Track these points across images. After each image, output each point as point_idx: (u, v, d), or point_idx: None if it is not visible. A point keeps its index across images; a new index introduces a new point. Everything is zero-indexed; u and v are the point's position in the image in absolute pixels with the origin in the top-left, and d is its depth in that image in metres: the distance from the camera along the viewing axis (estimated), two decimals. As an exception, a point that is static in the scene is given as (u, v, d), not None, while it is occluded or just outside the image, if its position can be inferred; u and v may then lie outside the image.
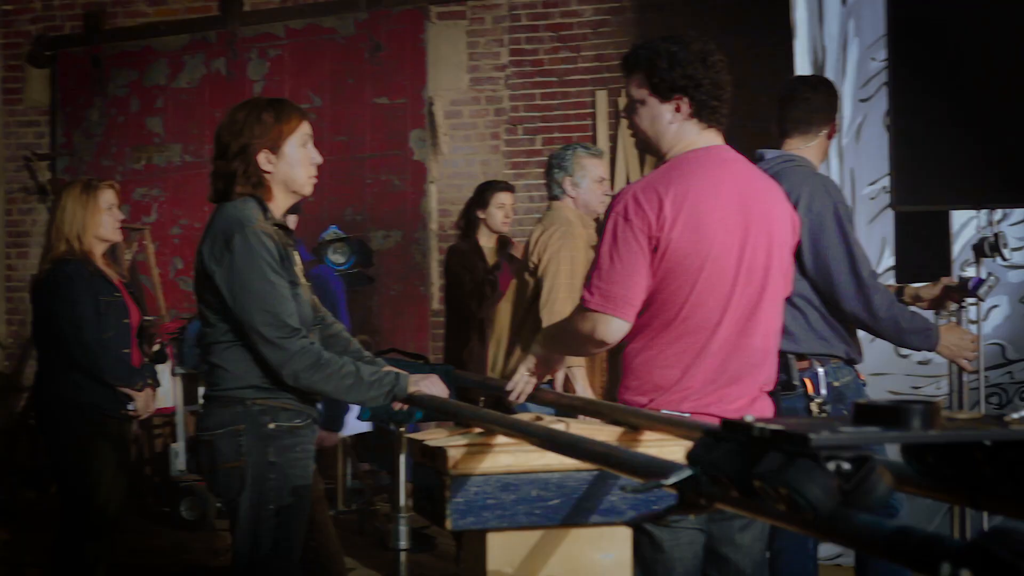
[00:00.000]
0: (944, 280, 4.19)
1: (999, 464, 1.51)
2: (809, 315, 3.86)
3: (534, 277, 4.85)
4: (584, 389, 4.38)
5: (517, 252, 6.15)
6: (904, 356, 5.54)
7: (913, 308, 4.10)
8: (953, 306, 4.14)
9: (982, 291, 4.00)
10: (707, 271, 2.93)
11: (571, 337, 3.06)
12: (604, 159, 5.30)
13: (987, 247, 4.04)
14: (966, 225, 5.50)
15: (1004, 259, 4.04)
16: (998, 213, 5.27)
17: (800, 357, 3.85)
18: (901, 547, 1.33)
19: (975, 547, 1.19)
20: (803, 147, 3.99)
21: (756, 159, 3.88)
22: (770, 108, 4.14)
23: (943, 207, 4.26)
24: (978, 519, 4.22)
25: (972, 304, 4.08)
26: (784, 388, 3.80)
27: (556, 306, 4.68)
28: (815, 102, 4.01)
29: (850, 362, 3.93)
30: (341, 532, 5.62)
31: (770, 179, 3.19)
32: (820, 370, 3.85)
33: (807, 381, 3.84)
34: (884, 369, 4.97)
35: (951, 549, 1.23)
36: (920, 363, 5.51)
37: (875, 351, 4.11)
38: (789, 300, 3.78)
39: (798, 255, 3.78)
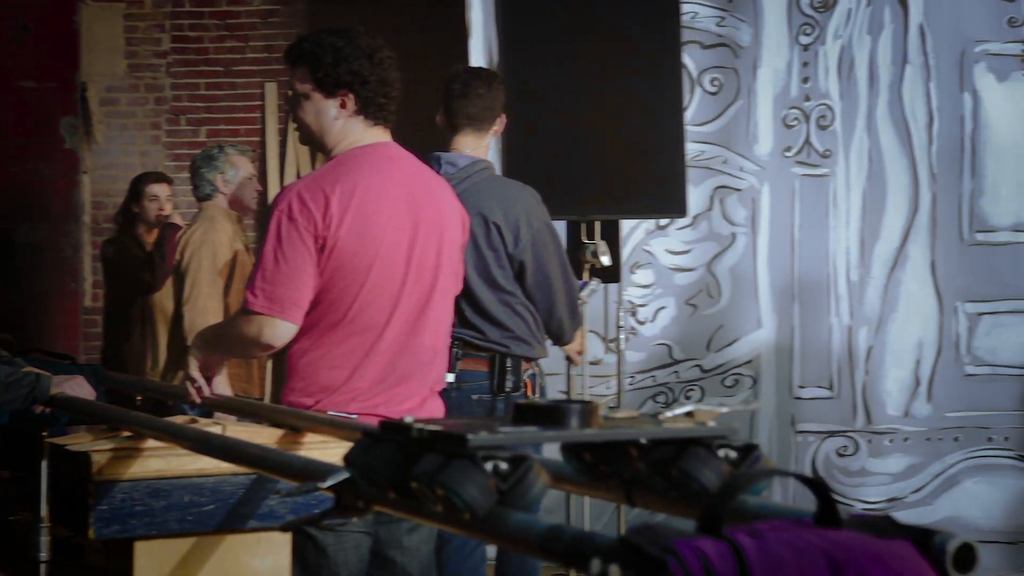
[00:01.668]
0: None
1: (653, 461, 1.54)
2: (529, 321, 3.98)
3: (180, 275, 4.94)
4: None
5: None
6: (575, 356, 5.73)
7: None
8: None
9: (585, 293, 4.37)
10: (375, 270, 2.90)
11: (235, 341, 2.97)
12: (250, 156, 5.42)
13: (589, 254, 4.44)
14: (635, 229, 5.72)
15: (603, 265, 4.41)
16: (653, 221, 5.50)
17: (527, 360, 3.99)
18: (554, 545, 1.35)
19: (624, 543, 1.21)
20: (477, 145, 4.01)
21: (441, 164, 3.87)
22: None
23: (552, 218, 4.53)
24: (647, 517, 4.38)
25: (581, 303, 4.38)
26: (513, 389, 3.93)
27: (199, 302, 4.76)
28: (489, 98, 4.01)
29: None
30: (-21, 544, 5.28)
31: (439, 177, 3.21)
32: (537, 371, 4.05)
33: (527, 382, 3.99)
34: (556, 369, 5.09)
35: (601, 546, 1.25)
36: (591, 363, 5.68)
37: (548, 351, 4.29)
38: (512, 307, 3.94)
39: (522, 268, 3.92)
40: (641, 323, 5.71)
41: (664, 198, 4.42)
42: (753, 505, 1.47)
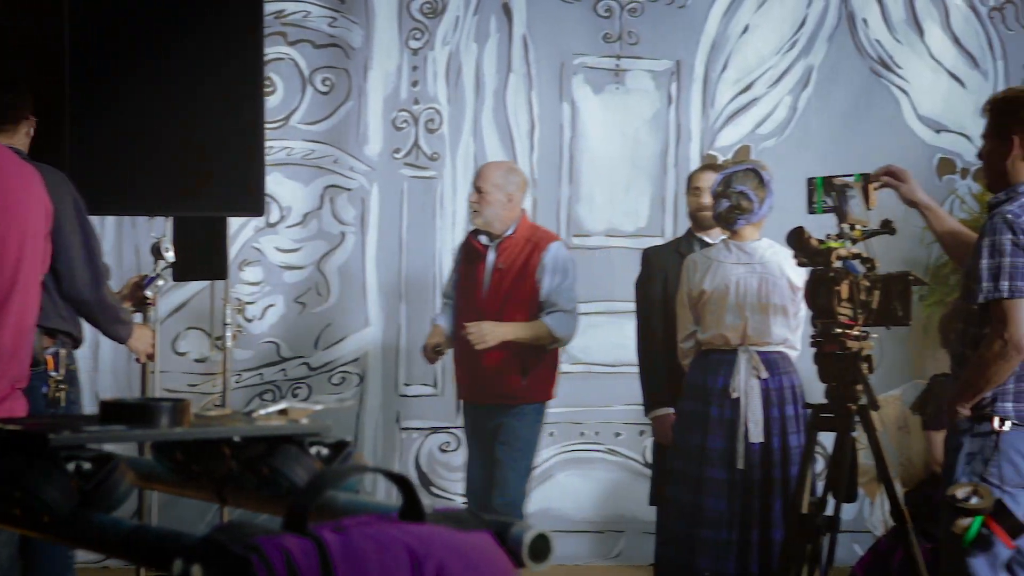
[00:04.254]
0: (135, 277, 4.49)
1: (245, 459, 1.53)
2: (53, 292, 3.83)
3: None
4: None
5: None
6: (182, 354, 5.60)
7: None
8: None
9: (151, 289, 4.42)
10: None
11: None
12: None
13: (153, 251, 4.47)
14: (245, 226, 5.67)
15: (166, 260, 4.40)
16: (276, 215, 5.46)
17: (48, 333, 3.83)
18: (138, 546, 1.33)
19: (208, 541, 1.20)
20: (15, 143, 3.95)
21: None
22: None
23: (121, 213, 4.44)
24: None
25: (149, 300, 4.40)
26: (34, 364, 3.72)
27: None
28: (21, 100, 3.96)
29: (77, 345, 4.01)
30: None
31: (27, 168, 3.07)
32: (63, 350, 3.89)
33: (49, 359, 3.84)
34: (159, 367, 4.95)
35: (185, 545, 1.23)
36: (197, 361, 5.57)
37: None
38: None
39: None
40: (249, 320, 5.67)
41: (241, 196, 4.40)
42: (343, 502, 1.48)
